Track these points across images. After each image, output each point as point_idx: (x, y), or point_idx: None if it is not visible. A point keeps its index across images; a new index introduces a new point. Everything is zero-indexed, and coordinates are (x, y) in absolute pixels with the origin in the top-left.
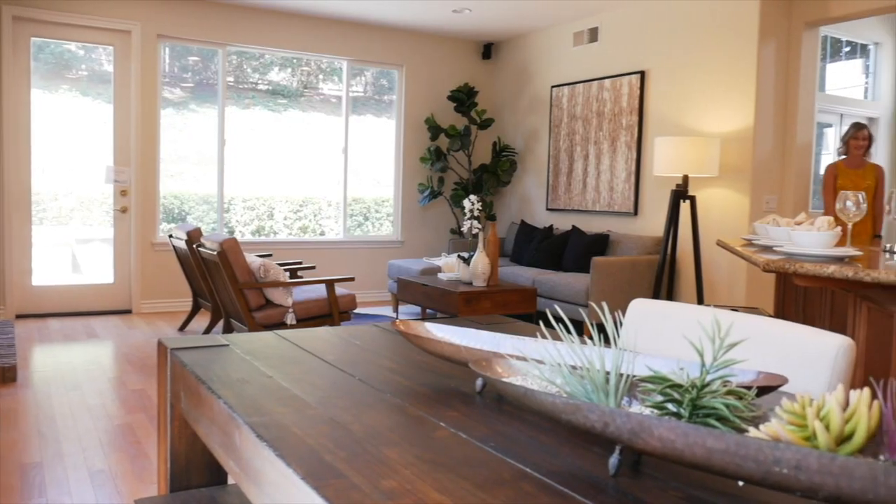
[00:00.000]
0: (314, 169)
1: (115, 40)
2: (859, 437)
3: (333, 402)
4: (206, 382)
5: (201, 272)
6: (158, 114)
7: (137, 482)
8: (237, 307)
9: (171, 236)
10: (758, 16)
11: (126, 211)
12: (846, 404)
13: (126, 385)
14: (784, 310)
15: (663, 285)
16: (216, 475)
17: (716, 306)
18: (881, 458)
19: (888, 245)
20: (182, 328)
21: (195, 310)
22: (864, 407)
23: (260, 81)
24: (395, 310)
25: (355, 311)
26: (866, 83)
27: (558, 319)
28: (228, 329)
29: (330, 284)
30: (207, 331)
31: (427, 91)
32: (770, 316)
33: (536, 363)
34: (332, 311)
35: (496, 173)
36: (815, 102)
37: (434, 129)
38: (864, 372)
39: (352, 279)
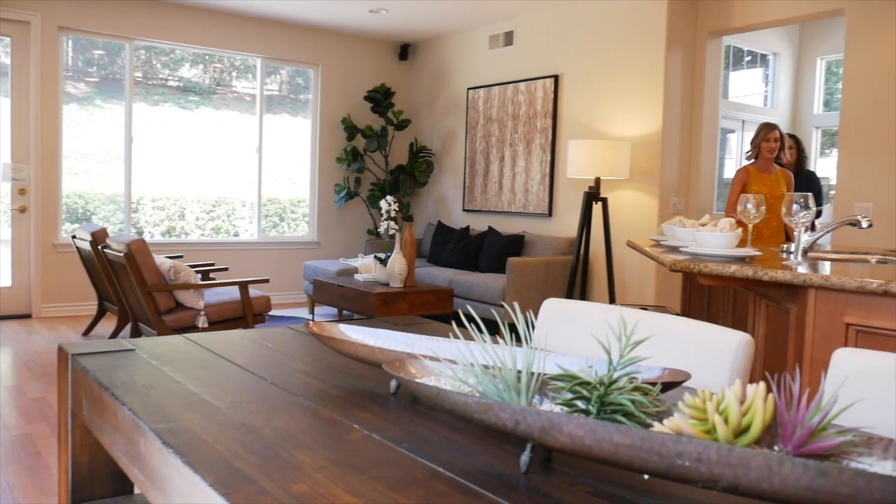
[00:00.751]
0: (228, 168)
1: (12, 31)
2: (755, 429)
3: (244, 406)
4: (109, 389)
5: (107, 274)
6: (60, 109)
7: (38, 495)
8: (145, 311)
9: (74, 237)
10: (665, 25)
11: (25, 210)
12: (744, 398)
13: (25, 394)
14: (690, 308)
15: (577, 285)
16: (121, 485)
17: (626, 305)
18: (776, 448)
19: (785, 245)
20: (86, 333)
21: (100, 314)
22: (759, 400)
23: (170, 78)
24: (311, 311)
25: (270, 313)
26: (766, 91)
27: (470, 319)
28: (136, 333)
29: (244, 286)
30: (114, 335)
31: (343, 91)
32: (677, 314)
33: (449, 363)
34: (245, 314)
35: (413, 174)
36: (719, 109)
37: (351, 130)
38: (764, 366)
39: (266, 281)
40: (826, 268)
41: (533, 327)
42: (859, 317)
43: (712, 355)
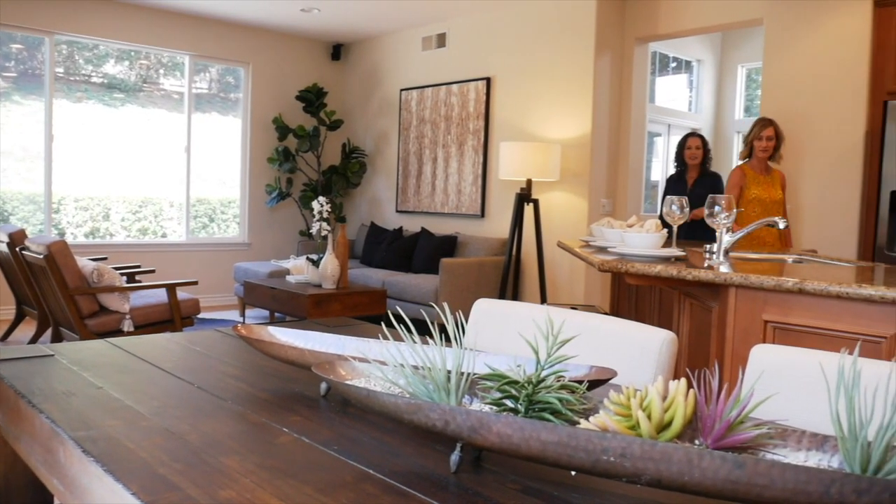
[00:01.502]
0: (155, 168)
1: None
2: (677, 424)
3: (169, 411)
4: (26, 396)
5: (26, 277)
6: None
7: None
8: (67, 315)
9: None
10: (594, 30)
11: None
12: (666, 394)
13: None
14: (619, 307)
15: (509, 285)
16: (40, 496)
17: (557, 305)
18: (697, 442)
19: (707, 246)
20: (3, 339)
21: (19, 318)
22: (680, 396)
23: (94, 74)
24: (242, 314)
25: (199, 315)
26: (690, 96)
27: (399, 320)
28: (57, 338)
29: (171, 288)
30: (33, 341)
31: (275, 90)
32: (605, 313)
33: (379, 365)
34: (173, 317)
35: (346, 175)
36: (646, 113)
37: (282, 130)
38: (688, 363)
39: (195, 283)
40: (746, 267)
41: (464, 328)
42: (776, 314)
43: (638, 353)
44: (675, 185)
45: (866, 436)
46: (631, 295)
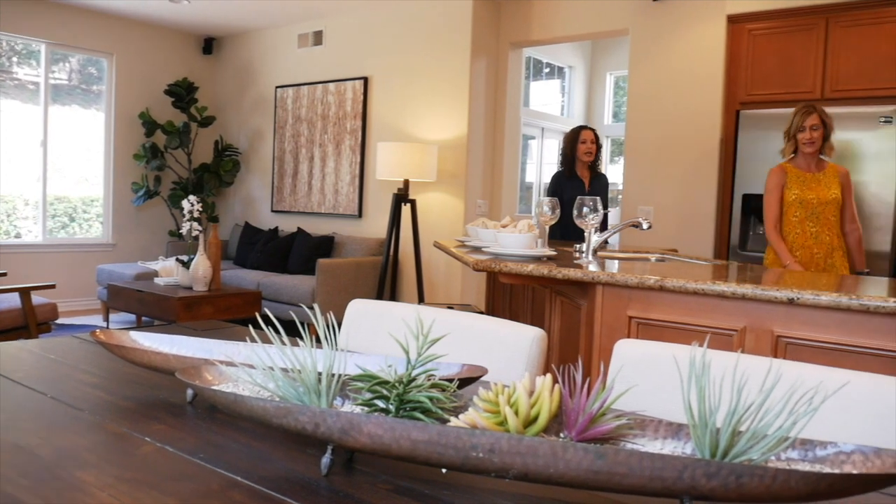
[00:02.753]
0: (7, 163)
1: None
2: (543, 419)
3: (18, 424)
4: None
5: None
6: None
7: None
8: None
9: None
10: (470, 33)
11: None
12: (533, 390)
13: None
14: (494, 306)
15: (387, 285)
16: None
17: (434, 304)
18: (562, 435)
19: (577, 245)
20: None
21: None
22: (546, 392)
23: None
24: (106, 319)
25: (58, 321)
26: (563, 101)
27: (268, 322)
28: None
29: (25, 293)
30: None
31: (142, 84)
32: (481, 312)
33: (247, 368)
34: (27, 323)
35: (218, 173)
36: (521, 116)
37: (150, 125)
38: (559, 359)
39: (52, 286)
40: (613, 266)
41: (336, 329)
42: (639, 310)
43: (509, 350)
44: (567, 183)
45: (715, 422)
46: (506, 294)
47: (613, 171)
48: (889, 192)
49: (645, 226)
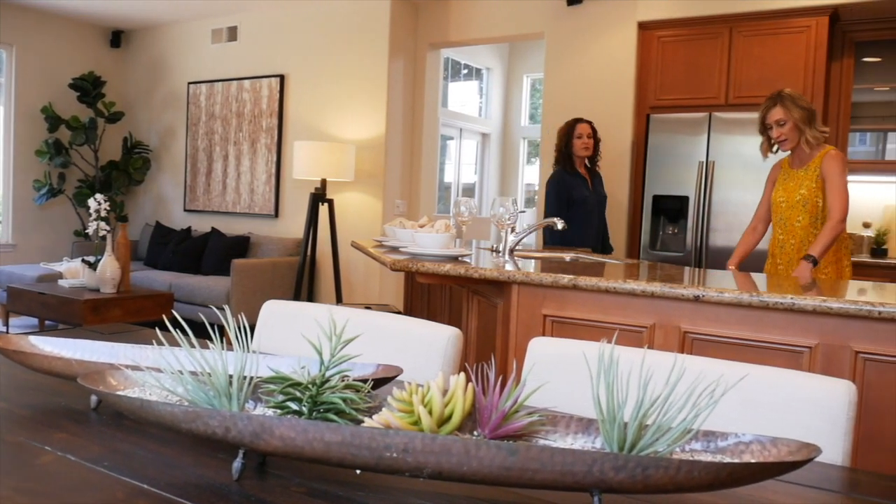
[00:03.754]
0: None
1: None
2: (456, 418)
3: None
4: None
5: None
6: None
7: None
8: None
9: None
10: (388, 33)
11: None
12: (447, 389)
13: None
14: (412, 306)
15: (304, 286)
16: None
17: (352, 305)
18: (475, 433)
19: (494, 245)
20: None
21: None
22: (459, 391)
23: None
24: (6, 323)
25: None
26: (481, 102)
27: (176, 324)
28: None
29: None
30: None
31: (44, 77)
32: (399, 312)
33: (154, 372)
34: None
35: (127, 171)
36: (439, 117)
37: (53, 120)
38: (477, 357)
39: None
40: (529, 265)
41: (248, 330)
42: (554, 308)
43: (425, 350)
44: (572, 181)
45: (623, 417)
46: (424, 294)
47: (530, 173)
48: None
49: (559, 226)
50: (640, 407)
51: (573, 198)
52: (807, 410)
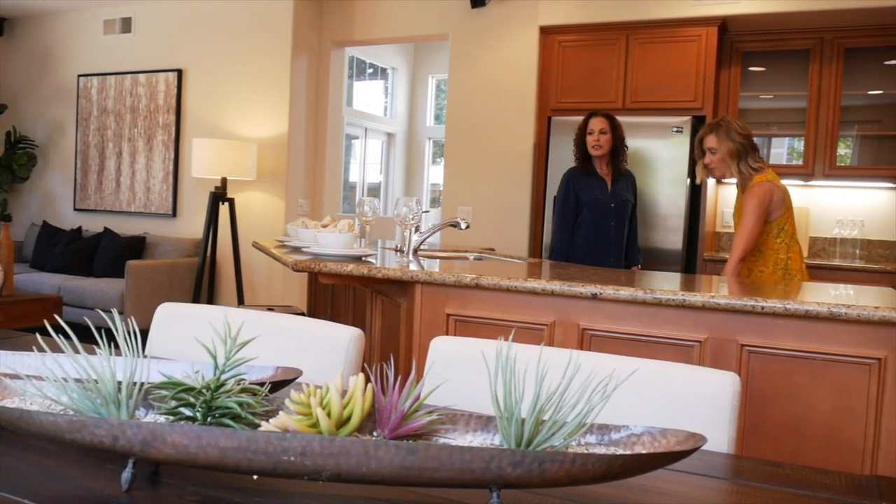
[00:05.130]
0: None
1: None
2: (356, 419)
3: None
4: None
5: None
6: None
7: None
8: None
9: None
10: (291, 30)
11: None
12: (346, 390)
13: None
14: (316, 307)
15: (204, 288)
16: None
17: (254, 306)
18: (375, 434)
19: (398, 244)
20: None
21: None
22: (358, 392)
23: None
24: None
25: None
26: (386, 102)
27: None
28: None
29: None
30: None
31: None
32: (302, 313)
33: (35, 381)
34: None
35: (11, 167)
36: (343, 116)
37: None
38: (381, 358)
39: None
40: (433, 265)
41: (138, 334)
42: (457, 307)
43: (326, 351)
44: (583, 181)
45: (520, 413)
46: (327, 294)
47: (435, 173)
48: (680, 196)
49: (463, 226)
50: (536, 403)
51: (581, 200)
52: (695, 402)
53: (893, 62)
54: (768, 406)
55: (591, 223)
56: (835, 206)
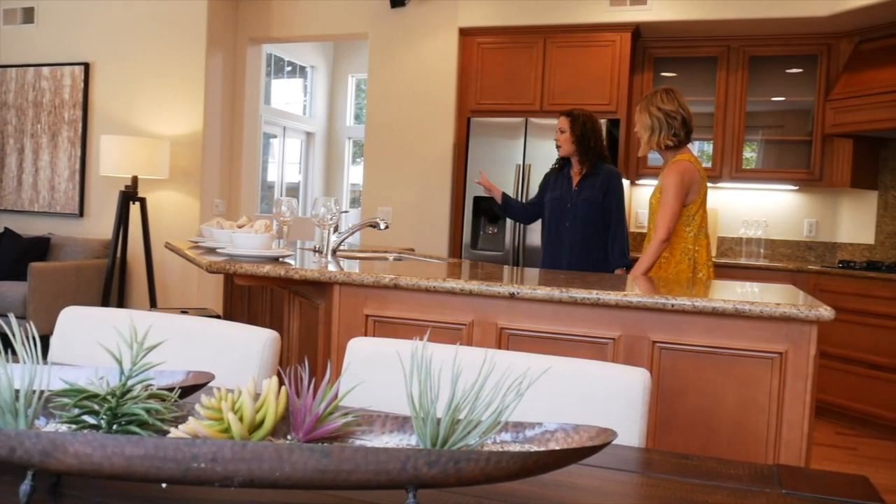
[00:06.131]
0: None
1: None
2: (269, 423)
3: None
4: None
5: None
6: None
7: None
8: None
9: None
10: (205, 26)
11: None
12: (259, 394)
13: None
14: (232, 309)
15: (114, 291)
16: None
17: (167, 309)
18: (289, 438)
19: (316, 245)
20: None
21: None
22: (272, 395)
23: None
24: None
25: None
26: (305, 101)
27: None
28: None
29: None
30: None
31: None
32: (217, 316)
33: None
34: None
35: None
36: (261, 114)
37: None
38: (299, 360)
39: None
40: (352, 266)
41: (37, 339)
42: (375, 308)
43: (241, 354)
44: (554, 181)
45: (435, 412)
46: (244, 296)
47: (355, 173)
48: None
49: (382, 226)
50: (452, 402)
51: (545, 200)
52: (608, 398)
53: (795, 70)
54: (678, 400)
55: (548, 223)
56: (741, 207)
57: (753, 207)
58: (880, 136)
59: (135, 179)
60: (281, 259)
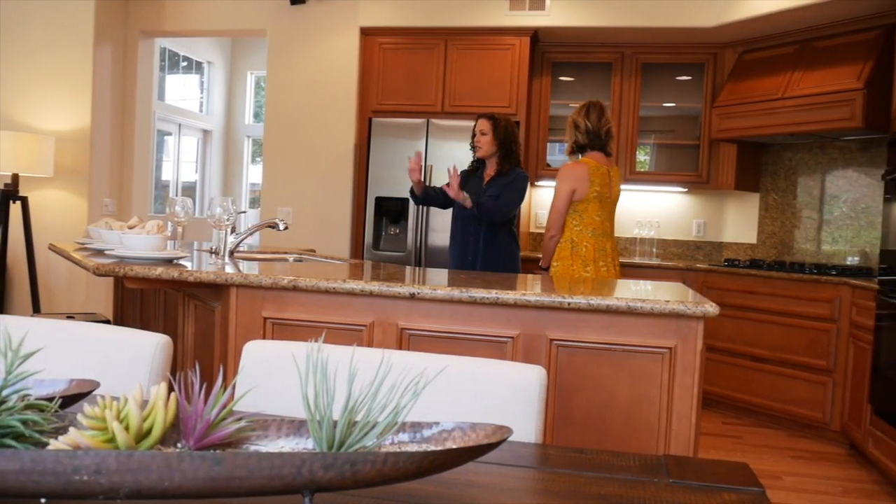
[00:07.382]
0: None
1: None
2: (157, 431)
3: None
4: None
5: None
6: None
7: None
8: None
9: None
10: (93, 17)
11: None
12: (146, 401)
13: None
14: (123, 314)
15: None
16: None
17: (51, 315)
18: (179, 446)
19: (213, 246)
20: None
21: None
22: (160, 402)
23: None
24: None
25: None
26: (202, 97)
27: None
28: None
29: None
30: None
31: None
32: (107, 321)
33: None
34: None
35: None
36: (154, 110)
37: None
38: (194, 364)
39: None
40: (251, 267)
41: None
42: (274, 310)
43: (129, 360)
44: (470, 180)
45: (332, 415)
46: (135, 300)
47: (255, 172)
48: None
49: (281, 226)
50: (348, 404)
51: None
52: (505, 395)
53: (684, 78)
54: (575, 396)
55: (452, 222)
56: (634, 208)
57: (646, 209)
58: (761, 141)
59: (15, 177)
60: (175, 261)
